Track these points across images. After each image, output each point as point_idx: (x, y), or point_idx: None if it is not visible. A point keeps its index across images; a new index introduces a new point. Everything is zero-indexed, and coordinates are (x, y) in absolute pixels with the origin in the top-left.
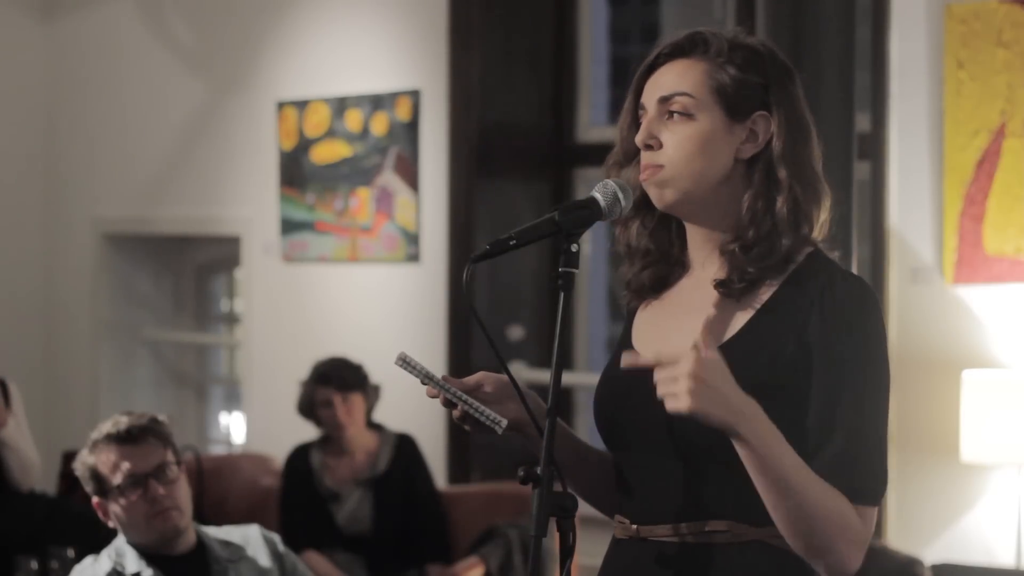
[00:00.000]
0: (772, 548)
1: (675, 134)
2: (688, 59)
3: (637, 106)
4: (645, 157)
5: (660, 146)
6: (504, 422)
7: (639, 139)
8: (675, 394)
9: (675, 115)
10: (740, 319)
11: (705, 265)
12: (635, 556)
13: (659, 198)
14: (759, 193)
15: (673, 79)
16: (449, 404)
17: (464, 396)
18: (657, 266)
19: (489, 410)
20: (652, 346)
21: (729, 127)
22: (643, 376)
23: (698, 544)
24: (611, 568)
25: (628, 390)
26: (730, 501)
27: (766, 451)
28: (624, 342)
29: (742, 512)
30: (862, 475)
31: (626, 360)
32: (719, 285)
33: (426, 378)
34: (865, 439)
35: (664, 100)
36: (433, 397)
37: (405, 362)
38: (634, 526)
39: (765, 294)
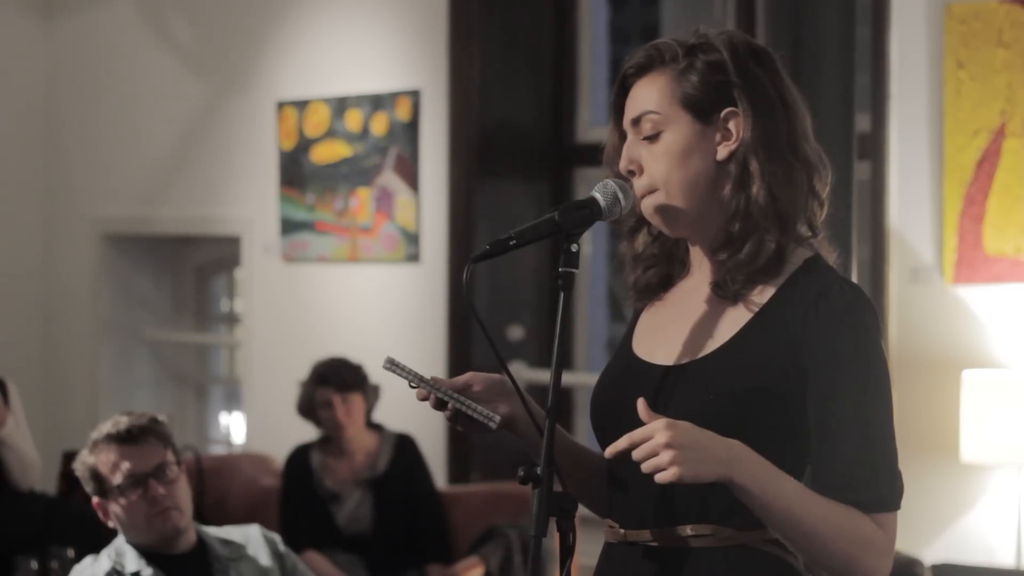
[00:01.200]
0: (758, 552)
1: (652, 154)
2: (650, 74)
3: (620, 128)
4: (635, 184)
5: (642, 170)
6: (497, 418)
7: (621, 167)
8: (660, 466)
9: (647, 134)
10: (736, 323)
11: (702, 266)
12: (624, 560)
13: (663, 224)
14: (735, 188)
15: (638, 99)
16: (441, 405)
17: (455, 394)
18: (661, 266)
19: (481, 407)
20: (649, 349)
21: (702, 132)
22: (637, 379)
23: (683, 548)
24: (602, 573)
25: (622, 393)
26: (715, 505)
27: (762, 489)
28: (625, 343)
29: (727, 516)
30: (874, 484)
31: (608, 453)
32: (715, 287)
33: (416, 379)
34: (871, 448)
35: (635, 122)
36: (424, 400)
37: (394, 365)
38: (622, 530)
39: (761, 297)
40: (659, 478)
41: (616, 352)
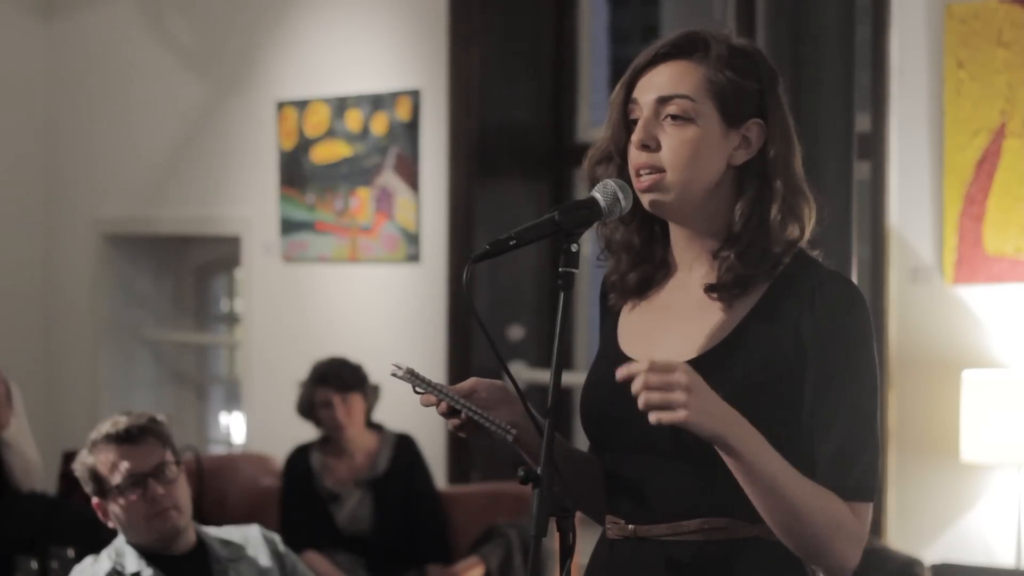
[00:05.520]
0: (769, 544)
1: (673, 137)
2: (688, 61)
3: (627, 101)
4: (640, 157)
5: (659, 148)
6: (514, 431)
7: (637, 139)
8: (669, 404)
9: (673, 117)
10: (731, 321)
11: (693, 268)
12: (633, 556)
13: (652, 202)
14: (754, 201)
15: (672, 80)
16: (453, 412)
17: (471, 405)
18: (643, 267)
19: (496, 419)
20: (642, 349)
21: (725, 133)
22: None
23: (697, 542)
24: (605, 569)
25: (621, 394)
26: (727, 498)
27: (753, 458)
28: (610, 344)
29: (739, 509)
30: (857, 473)
31: (621, 373)
32: (711, 289)
33: (433, 389)
34: (859, 437)
35: (663, 101)
36: (429, 405)
37: (413, 375)
38: (630, 526)
39: (755, 296)
40: (663, 417)
41: (600, 354)
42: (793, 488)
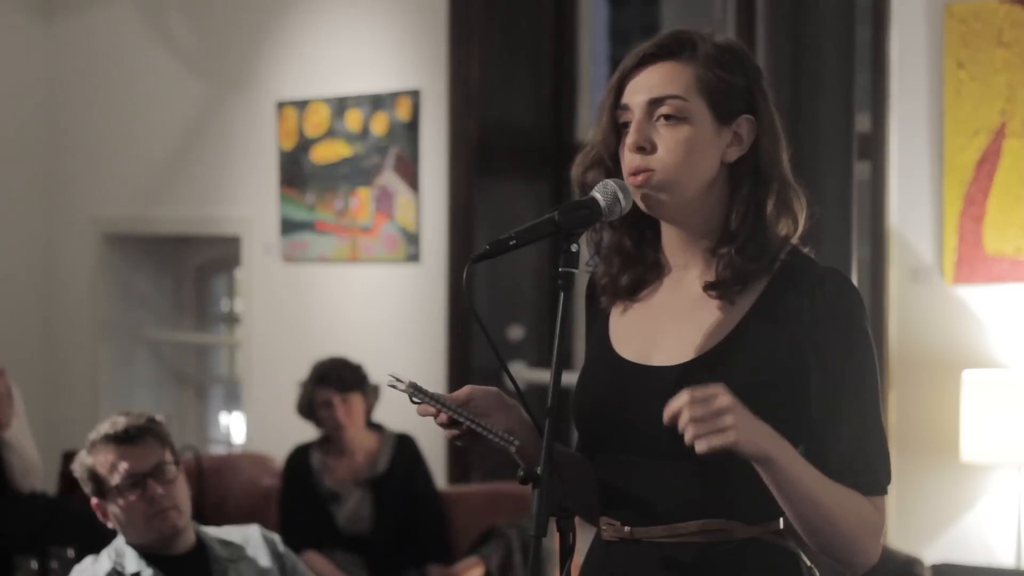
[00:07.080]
0: (767, 545)
1: (667, 138)
2: (676, 61)
3: (616, 105)
4: (636, 160)
5: (654, 149)
6: (517, 441)
7: (632, 141)
8: (719, 430)
9: (666, 118)
10: (732, 319)
11: (688, 268)
12: (629, 558)
13: (648, 202)
14: (749, 196)
15: (662, 81)
16: (454, 423)
17: (470, 415)
18: (634, 269)
19: (498, 429)
20: (637, 351)
21: (717, 130)
22: (633, 382)
23: (694, 544)
24: (602, 571)
25: (619, 397)
26: (725, 500)
27: (793, 473)
28: (603, 347)
29: (737, 510)
30: (873, 468)
31: (668, 414)
32: (711, 287)
33: (432, 400)
34: (870, 433)
35: (656, 102)
36: (427, 415)
37: (417, 389)
38: (627, 528)
39: (754, 293)
40: (714, 442)
41: (591, 356)
42: (828, 498)
